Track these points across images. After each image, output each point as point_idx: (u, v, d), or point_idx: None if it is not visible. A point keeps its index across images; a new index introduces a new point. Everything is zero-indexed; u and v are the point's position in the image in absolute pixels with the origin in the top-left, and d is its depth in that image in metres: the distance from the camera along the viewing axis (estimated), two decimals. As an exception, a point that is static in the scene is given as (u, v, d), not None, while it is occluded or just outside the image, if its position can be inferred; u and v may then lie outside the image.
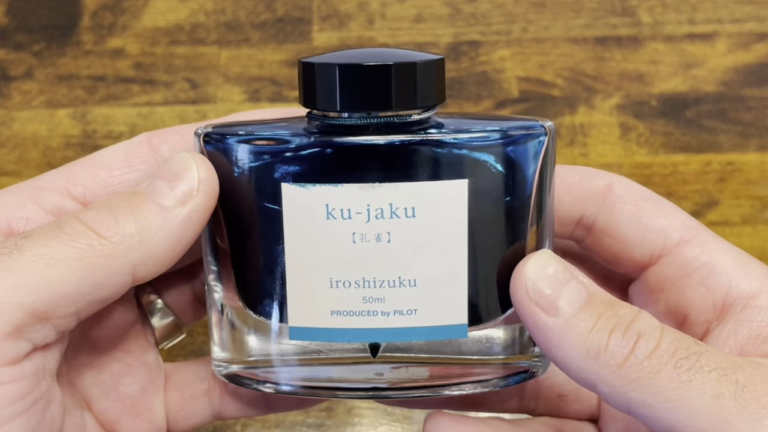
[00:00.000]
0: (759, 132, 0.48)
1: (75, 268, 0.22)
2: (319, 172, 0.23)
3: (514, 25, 0.52)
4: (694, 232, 0.26)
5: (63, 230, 0.23)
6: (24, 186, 0.26)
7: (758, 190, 0.46)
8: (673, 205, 0.28)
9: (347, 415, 0.37)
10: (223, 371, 0.26)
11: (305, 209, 0.23)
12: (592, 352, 0.22)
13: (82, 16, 0.52)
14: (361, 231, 0.23)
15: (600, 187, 0.27)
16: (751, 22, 0.53)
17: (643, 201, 0.27)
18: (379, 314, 0.24)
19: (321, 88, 0.23)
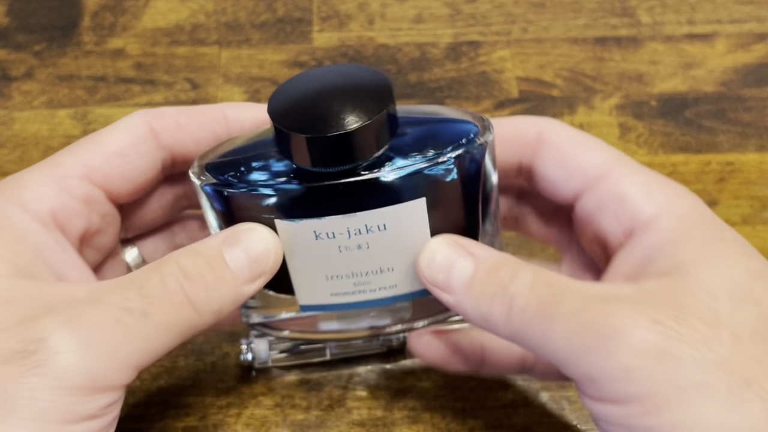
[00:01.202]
0: (758, 132, 0.48)
1: (175, 336, 0.26)
2: (305, 210, 0.28)
3: (513, 25, 0.52)
4: (609, 167, 0.29)
5: (172, 300, 0.25)
6: (48, 174, 0.28)
7: (757, 190, 0.46)
8: (597, 142, 0.30)
9: (347, 414, 0.38)
10: (248, 321, 0.33)
11: (297, 236, 0.28)
12: (483, 317, 0.27)
13: (83, 16, 0.52)
14: (345, 245, 0.28)
15: (531, 135, 0.31)
16: (750, 23, 0.53)
17: (567, 144, 0.30)
18: (368, 291, 0.30)
19: (295, 152, 0.27)
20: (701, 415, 0.24)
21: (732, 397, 0.24)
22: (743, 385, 0.24)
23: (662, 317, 0.25)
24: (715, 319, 0.25)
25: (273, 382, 0.39)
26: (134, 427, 0.37)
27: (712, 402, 0.24)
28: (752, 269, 0.27)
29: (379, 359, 0.39)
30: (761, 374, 0.24)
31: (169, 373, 0.39)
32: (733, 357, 0.24)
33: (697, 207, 0.29)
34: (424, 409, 0.38)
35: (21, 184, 0.28)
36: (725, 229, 0.28)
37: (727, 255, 0.27)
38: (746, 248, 0.28)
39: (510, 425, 0.38)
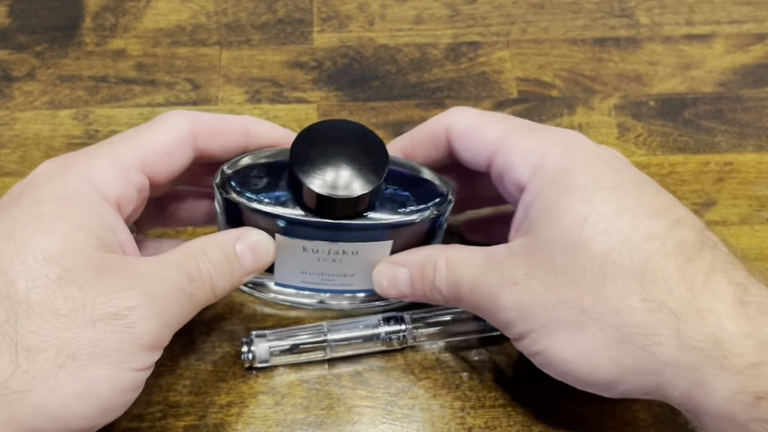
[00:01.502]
0: (756, 132, 0.48)
1: (196, 312, 0.33)
2: (300, 232, 0.35)
3: (513, 26, 0.53)
4: (500, 141, 0.34)
5: (205, 285, 0.32)
6: (114, 163, 0.32)
7: (756, 190, 0.46)
8: (492, 120, 0.35)
9: (347, 414, 0.38)
10: None
11: (288, 246, 0.36)
12: (427, 301, 0.36)
13: (84, 17, 0.52)
14: (323, 257, 0.36)
15: (442, 132, 0.36)
16: (748, 23, 0.53)
17: (466, 131, 0.35)
18: (330, 284, 0.39)
19: (306, 198, 0.33)
20: (558, 340, 0.32)
21: (576, 324, 0.31)
22: (583, 313, 0.31)
23: (519, 277, 0.32)
24: (554, 268, 0.31)
25: (273, 382, 0.39)
26: (135, 427, 0.37)
27: (563, 329, 0.32)
28: (582, 217, 0.31)
29: (378, 359, 0.40)
30: (593, 302, 0.31)
31: (169, 372, 0.39)
32: (570, 294, 0.31)
33: (561, 161, 0.33)
34: (423, 409, 0.38)
35: (91, 168, 0.32)
36: (577, 175, 0.32)
37: (564, 207, 0.32)
38: (585, 195, 0.32)
39: (509, 424, 0.38)
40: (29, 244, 0.29)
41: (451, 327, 0.39)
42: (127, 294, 0.29)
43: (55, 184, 0.31)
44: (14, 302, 0.28)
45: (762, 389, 0.29)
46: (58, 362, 0.28)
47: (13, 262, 0.29)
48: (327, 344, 0.38)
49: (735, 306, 0.30)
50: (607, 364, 0.31)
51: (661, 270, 0.30)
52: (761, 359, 0.29)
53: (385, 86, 0.50)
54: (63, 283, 0.29)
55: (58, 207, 0.30)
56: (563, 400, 0.38)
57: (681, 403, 0.31)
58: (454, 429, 0.37)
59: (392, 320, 0.39)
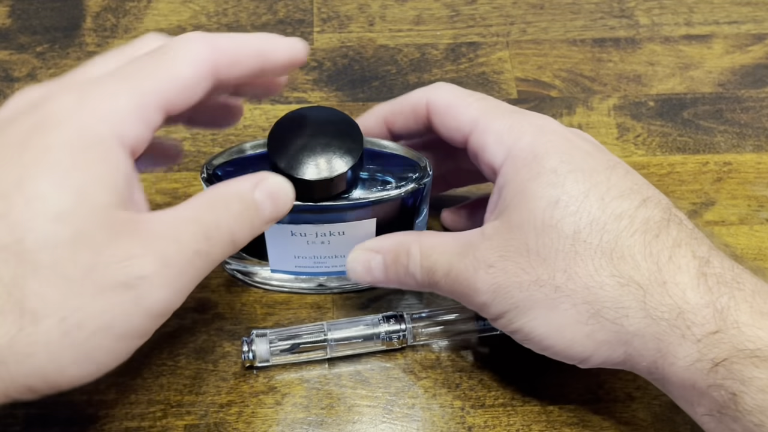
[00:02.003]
0: (755, 132, 0.48)
1: (215, 266, 0.31)
2: (287, 218, 0.34)
3: (512, 26, 0.53)
4: (476, 122, 0.36)
5: (224, 240, 0.30)
6: (137, 103, 0.29)
7: (755, 190, 0.46)
8: (471, 100, 0.36)
9: (347, 413, 0.38)
10: (228, 268, 0.42)
11: (277, 231, 0.37)
12: (401, 286, 0.37)
13: (85, 17, 0.53)
14: (312, 240, 0.38)
15: (423, 105, 0.37)
16: (747, 24, 0.53)
17: (446, 108, 0.36)
18: (323, 267, 0.40)
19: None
20: (534, 317, 0.33)
21: (549, 302, 0.33)
22: (555, 291, 0.32)
23: (493, 260, 0.33)
24: (527, 249, 0.33)
25: (274, 381, 0.39)
26: (136, 426, 0.37)
27: (538, 307, 0.33)
28: (552, 199, 0.33)
29: (379, 358, 0.40)
30: (565, 279, 0.32)
31: (170, 371, 0.39)
32: (543, 273, 0.32)
33: (533, 145, 0.34)
34: (423, 408, 0.38)
35: (113, 109, 0.29)
36: (548, 159, 0.33)
37: (535, 191, 0.33)
38: (556, 178, 0.33)
39: (509, 424, 0.38)
40: (40, 201, 0.27)
41: (451, 327, 0.39)
42: (140, 262, 0.28)
43: (72, 126, 0.28)
44: (22, 261, 0.26)
45: (719, 356, 0.30)
46: (62, 329, 0.27)
47: (22, 218, 0.27)
48: (327, 344, 0.39)
49: (697, 278, 0.31)
50: (581, 338, 0.33)
51: (629, 247, 0.32)
52: (719, 327, 0.30)
53: (385, 86, 0.50)
54: (75, 246, 0.27)
55: (74, 156, 0.28)
56: (563, 400, 0.38)
57: (648, 373, 0.33)
58: (454, 429, 0.38)
59: (392, 319, 0.39)
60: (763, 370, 0.29)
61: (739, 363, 0.30)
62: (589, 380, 0.39)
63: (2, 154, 0.28)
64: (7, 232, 0.26)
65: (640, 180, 0.34)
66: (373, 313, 0.40)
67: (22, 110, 0.29)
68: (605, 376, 0.39)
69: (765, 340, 0.30)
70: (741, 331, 0.30)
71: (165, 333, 0.40)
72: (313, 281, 0.41)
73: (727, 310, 0.30)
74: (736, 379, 0.30)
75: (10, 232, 0.27)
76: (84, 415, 0.37)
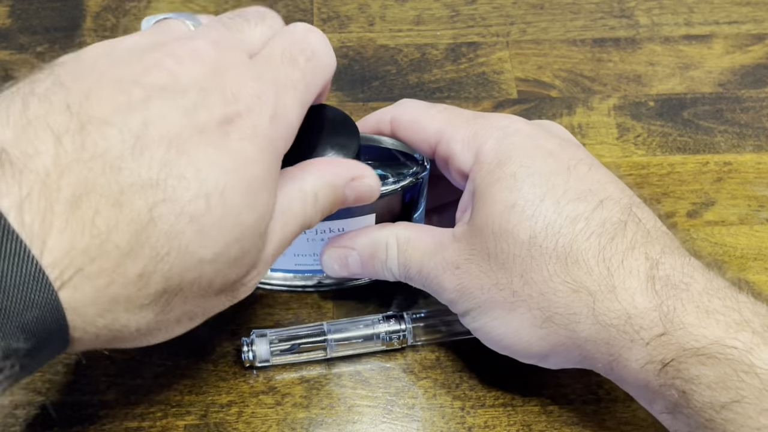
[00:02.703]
0: (755, 132, 0.48)
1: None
2: None
3: (512, 26, 0.53)
4: (440, 133, 0.36)
5: (324, 211, 0.32)
6: (300, 113, 0.31)
7: (755, 190, 0.46)
8: (434, 113, 0.37)
9: (347, 413, 0.38)
10: None
11: None
12: (379, 278, 0.38)
13: (85, 17, 0.53)
14: (312, 237, 0.38)
15: (386, 123, 0.38)
16: (747, 24, 0.53)
17: (410, 123, 0.37)
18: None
19: None
20: (493, 318, 0.34)
21: (508, 305, 0.34)
22: (513, 295, 0.33)
23: (460, 262, 0.34)
24: (488, 253, 0.34)
25: (274, 381, 0.39)
26: (136, 426, 0.37)
27: (497, 309, 0.34)
28: (509, 204, 0.33)
29: (379, 358, 0.40)
30: (522, 284, 0.33)
31: (170, 371, 0.39)
32: (502, 278, 0.34)
33: (496, 150, 0.35)
34: (423, 409, 0.38)
35: (292, 133, 0.31)
36: (509, 164, 0.34)
37: (494, 195, 0.34)
38: (514, 183, 0.34)
39: (509, 424, 0.38)
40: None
41: (451, 327, 0.39)
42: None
43: (262, 150, 0.28)
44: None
45: (667, 357, 0.31)
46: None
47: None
48: (327, 344, 0.39)
49: (646, 281, 0.32)
50: (536, 341, 0.34)
51: (584, 251, 0.33)
52: (665, 329, 0.31)
53: (385, 86, 0.50)
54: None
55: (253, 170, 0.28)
56: (563, 400, 0.38)
57: (606, 374, 0.34)
58: (454, 429, 0.38)
59: (392, 319, 0.39)
60: (709, 367, 0.30)
61: (685, 362, 0.30)
62: (589, 380, 0.39)
63: (188, 133, 0.26)
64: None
65: (603, 178, 0.35)
66: (373, 313, 0.40)
67: (200, 79, 0.28)
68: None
69: (710, 338, 0.30)
70: (687, 331, 0.31)
71: (165, 333, 0.40)
72: (313, 279, 0.41)
73: (673, 312, 0.31)
74: (684, 378, 0.31)
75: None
76: (84, 415, 0.37)
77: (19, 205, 0.23)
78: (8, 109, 0.25)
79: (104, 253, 0.24)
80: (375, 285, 0.41)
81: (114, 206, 0.24)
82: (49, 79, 0.26)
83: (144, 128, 0.25)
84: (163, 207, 0.25)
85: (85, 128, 0.25)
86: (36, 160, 0.24)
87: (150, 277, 0.25)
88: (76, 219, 0.24)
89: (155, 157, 0.25)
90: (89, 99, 0.25)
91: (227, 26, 0.31)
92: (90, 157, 0.24)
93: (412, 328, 0.39)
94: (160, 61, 0.27)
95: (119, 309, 0.25)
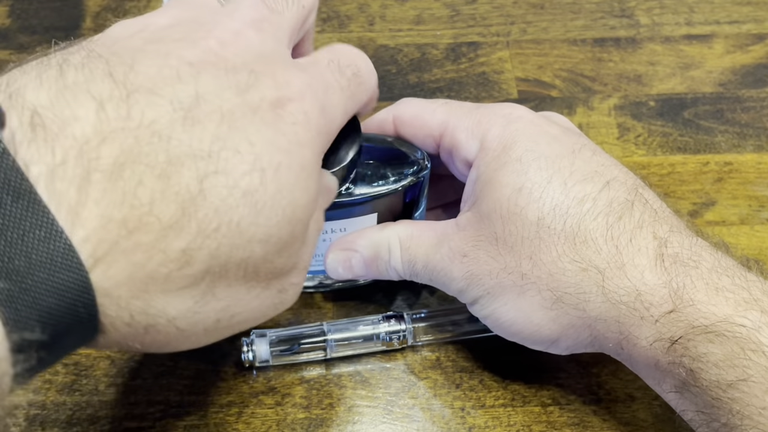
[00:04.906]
0: (756, 132, 0.48)
1: None
2: None
3: (513, 26, 0.53)
4: (445, 124, 0.36)
5: None
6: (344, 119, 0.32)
7: (755, 190, 0.46)
8: (436, 106, 0.37)
9: (347, 413, 0.38)
10: None
11: None
12: (383, 278, 0.38)
13: (85, 17, 0.53)
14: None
15: (390, 122, 0.38)
16: (748, 24, 0.53)
17: (413, 119, 0.37)
18: (322, 264, 0.38)
19: None
20: (503, 303, 0.34)
21: (518, 288, 0.34)
22: (522, 278, 0.33)
23: (467, 249, 0.34)
24: (495, 238, 0.34)
25: (273, 382, 0.39)
26: (136, 426, 0.37)
27: (506, 294, 0.34)
28: (516, 187, 0.33)
29: (379, 358, 0.40)
30: (531, 266, 0.33)
31: (170, 372, 0.39)
32: (510, 261, 0.34)
33: (501, 136, 0.35)
34: (423, 409, 0.38)
35: (335, 129, 0.31)
36: (514, 149, 0.34)
37: (500, 180, 0.34)
38: (520, 166, 0.34)
39: (509, 424, 0.38)
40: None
41: (451, 327, 0.39)
42: None
43: (310, 138, 0.27)
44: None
45: (675, 334, 0.31)
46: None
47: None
48: (327, 344, 0.39)
49: (655, 259, 0.32)
50: (547, 323, 0.34)
51: (592, 230, 0.33)
52: (674, 306, 0.31)
53: (386, 86, 0.50)
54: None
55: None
56: (563, 400, 0.38)
57: (616, 354, 0.34)
58: (454, 429, 0.38)
59: (392, 320, 0.39)
60: (717, 345, 0.30)
61: (693, 340, 0.31)
62: (589, 380, 0.39)
63: (242, 110, 0.26)
64: None
65: (608, 161, 0.35)
66: (373, 313, 0.40)
67: (247, 60, 0.27)
68: (605, 376, 0.39)
69: (718, 316, 0.30)
70: (696, 308, 0.31)
71: (165, 333, 0.40)
72: (313, 279, 0.41)
73: (682, 289, 0.31)
74: (691, 356, 0.31)
75: None
76: (84, 415, 0.37)
77: (51, 173, 0.21)
78: (42, 74, 0.23)
79: (144, 226, 0.22)
80: (375, 285, 0.41)
81: (160, 177, 0.23)
82: (82, 52, 0.25)
83: (195, 101, 0.24)
84: (215, 179, 0.24)
85: (132, 96, 0.23)
86: (74, 125, 0.22)
87: (194, 255, 0.24)
88: (115, 189, 0.22)
89: (207, 129, 0.24)
90: (134, 70, 0.24)
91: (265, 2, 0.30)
92: (136, 125, 0.23)
93: (412, 328, 0.39)
94: (205, 39, 0.27)
95: (156, 290, 0.23)
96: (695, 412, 0.32)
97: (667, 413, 0.38)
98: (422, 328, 0.39)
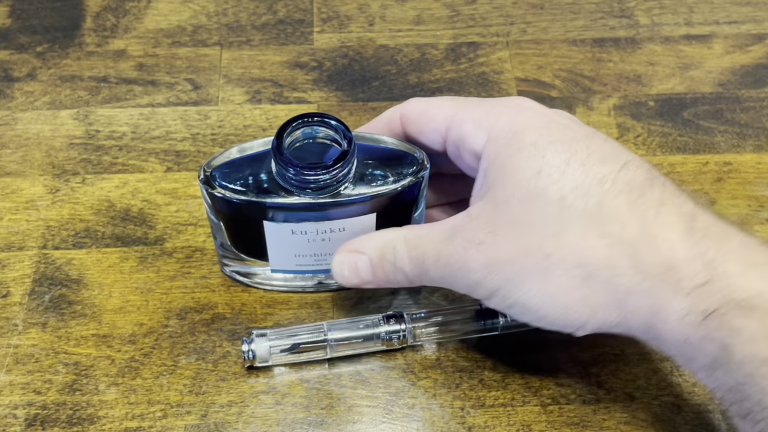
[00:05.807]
0: (755, 132, 0.48)
1: None
2: (287, 216, 0.37)
3: (512, 26, 0.53)
4: (451, 117, 0.37)
5: None
6: None
7: (755, 190, 0.46)
8: (442, 101, 0.37)
9: (347, 413, 0.38)
10: (227, 270, 0.42)
11: (277, 231, 0.38)
12: (390, 284, 0.37)
13: (85, 17, 0.53)
14: (313, 238, 0.38)
15: (397, 120, 0.38)
16: (747, 24, 0.53)
17: (419, 116, 0.38)
18: (324, 264, 0.40)
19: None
20: (528, 290, 0.33)
21: (542, 270, 0.33)
22: (546, 259, 0.33)
23: (482, 237, 0.34)
24: (514, 220, 0.33)
25: (273, 381, 0.39)
26: (136, 426, 0.37)
27: (530, 279, 0.33)
28: (535, 170, 0.33)
29: (379, 358, 0.40)
30: (555, 245, 0.32)
31: (170, 371, 0.39)
32: (532, 242, 0.33)
33: (511, 124, 0.35)
34: (423, 409, 0.38)
35: None
36: (527, 134, 0.34)
37: (517, 165, 0.34)
38: (536, 150, 0.33)
39: (509, 424, 0.38)
40: None
41: (451, 327, 0.39)
42: None
43: None
44: None
45: (709, 307, 0.30)
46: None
47: None
48: (327, 344, 0.39)
49: (685, 233, 0.32)
50: (576, 304, 0.33)
51: (615, 208, 0.32)
52: (707, 279, 0.31)
53: (385, 86, 0.50)
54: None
55: None
56: (563, 400, 0.38)
57: (643, 332, 0.33)
58: (454, 429, 0.38)
59: (392, 319, 0.39)
60: (752, 320, 0.30)
61: (728, 313, 0.30)
62: (589, 380, 0.39)
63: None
64: None
65: (620, 147, 0.35)
66: (373, 313, 0.40)
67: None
68: (605, 376, 0.39)
69: (754, 290, 0.30)
70: (731, 281, 0.30)
71: (165, 333, 0.40)
72: (314, 279, 0.41)
73: (716, 262, 0.31)
74: (725, 330, 0.30)
75: None
76: (84, 415, 0.37)
77: None
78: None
79: None
80: (375, 285, 0.41)
81: None
82: None
83: None
84: None
85: None
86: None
87: None
88: None
89: None
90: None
91: None
92: None
93: (412, 328, 0.39)
94: None
95: None
96: (726, 390, 0.31)
97: (666, 413, 0.38)
98: (422, 327, 0.39)
